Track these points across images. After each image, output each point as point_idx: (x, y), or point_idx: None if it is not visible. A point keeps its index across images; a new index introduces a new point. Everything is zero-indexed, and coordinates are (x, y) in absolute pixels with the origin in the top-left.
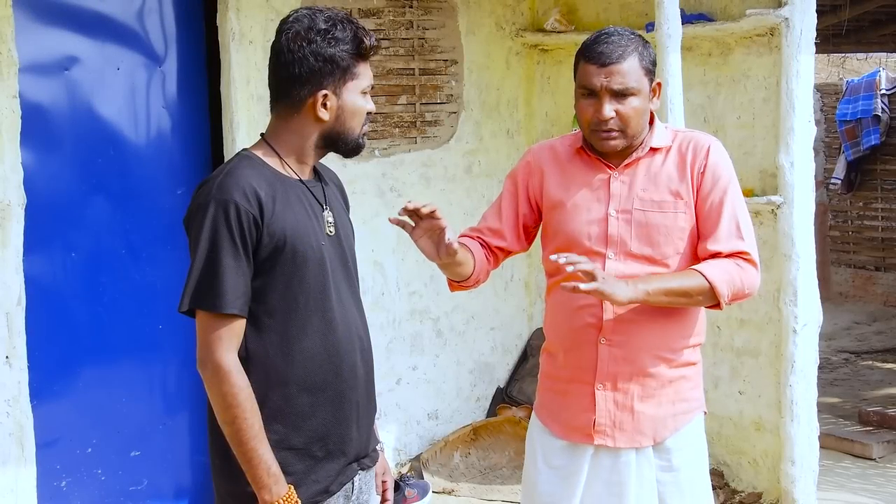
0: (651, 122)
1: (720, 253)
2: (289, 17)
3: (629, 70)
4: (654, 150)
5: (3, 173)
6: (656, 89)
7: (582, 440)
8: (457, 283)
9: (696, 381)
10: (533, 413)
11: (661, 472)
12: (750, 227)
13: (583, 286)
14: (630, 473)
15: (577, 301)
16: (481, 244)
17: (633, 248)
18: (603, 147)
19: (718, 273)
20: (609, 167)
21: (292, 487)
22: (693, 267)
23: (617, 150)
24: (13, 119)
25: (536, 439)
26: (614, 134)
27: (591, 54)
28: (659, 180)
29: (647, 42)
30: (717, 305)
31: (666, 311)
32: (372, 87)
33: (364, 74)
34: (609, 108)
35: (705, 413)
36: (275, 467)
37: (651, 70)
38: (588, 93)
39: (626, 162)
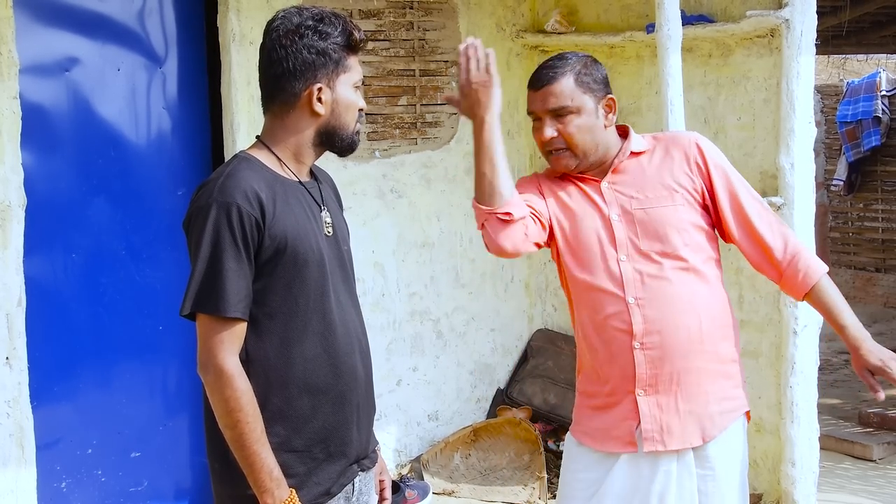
0: (626, 134)
1: (776, 250)
2: (275, 16)
3: (562, 90)
4: (634, 154)
5: (3, 174)
6: (611, 104)
7: (623, 448)
8: (487, 206)
9: (736, 380)
10: (568, 433)
11: (701, 482)
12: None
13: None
14: (670, 483)
15: (604, 311)
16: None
17: (643, 247)
18: (557, 167)
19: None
20: (595, 180)
21: (294, 491)
22: (810, 276)
23: (571, 169)
24: (14, 120)
25: (573, 452)
26: (562, 153)
27: (531, 81)
28: (648, 179)
29: (591, 61)
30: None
31: (694, 306)
32: (363, 83)
33: (355, 68)
34: (550, 129)
35: (748, 414)
36: (277, 471)
37: (593, 87)
38: (535, 118)
39: (610, 169)
